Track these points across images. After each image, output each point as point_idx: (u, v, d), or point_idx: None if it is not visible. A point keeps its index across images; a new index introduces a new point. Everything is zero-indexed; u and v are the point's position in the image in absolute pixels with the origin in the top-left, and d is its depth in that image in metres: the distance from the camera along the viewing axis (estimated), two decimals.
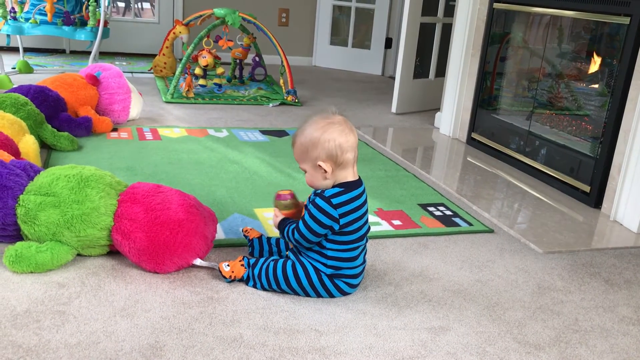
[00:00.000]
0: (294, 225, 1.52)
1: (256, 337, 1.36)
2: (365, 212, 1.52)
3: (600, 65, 2.55)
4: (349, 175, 1.49)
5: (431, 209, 2.24)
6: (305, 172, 1.51)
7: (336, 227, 1.46)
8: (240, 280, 1.58)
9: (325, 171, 1.46)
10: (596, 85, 2.59)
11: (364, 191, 1.52)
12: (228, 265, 1.58)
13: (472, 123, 3.22)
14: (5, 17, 3.83)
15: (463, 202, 2.36)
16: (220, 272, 1.58)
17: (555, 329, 1.51)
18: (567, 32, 2.77)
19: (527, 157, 2.80)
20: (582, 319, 1.57)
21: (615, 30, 2.39)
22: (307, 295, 1.54)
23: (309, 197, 1.52)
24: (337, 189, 1.47)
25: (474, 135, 3.20)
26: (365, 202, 1.52)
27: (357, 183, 1.50)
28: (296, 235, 1.50)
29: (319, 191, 1.49)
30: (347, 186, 1.48)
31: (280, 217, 1.59)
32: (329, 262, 1.51)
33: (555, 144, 2.68)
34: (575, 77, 2.72)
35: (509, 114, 3.08)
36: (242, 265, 1.57)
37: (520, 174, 2.79)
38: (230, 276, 1.57)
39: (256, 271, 1.55)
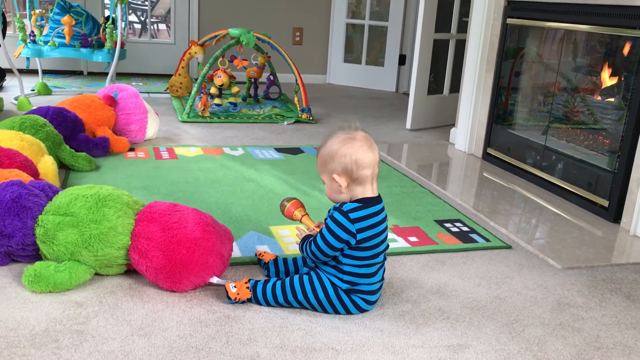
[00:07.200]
0: (312, 238, 1.52)
1: (273, 356, 1.35)
2: (384, 230, 1.52)
3: (617, 78, 2.54)
4: (367, 192, 1.49)
5: (448, 225, 2.22)
6: (325, 183, 1.53)
7: (352, 241, 1.46)
8: (243, 302, 1.56)
9: (340, 185, 1.47)
10: (612, 99, 2.57)
11: (383, 209, 1.52)
12: (235, 287, 1.57)
13: (488, 138, 3.21)
14: (25, 41, 3.91)
15: (480, 217, 2.34)
16: (226, 291, 1.57)
17: (577, 346, 1.49)
18: (582, 46, 2.75)
19: (544, 172, 2.78)
20: (603, 336, 1.55)
21: (631, 44, 2.38)
22: (324, 309, 1.53)
23: (328, 212, 1.52)
24: (355, 204, 1.47)
25: (490, 151, 3.19)
26: (384, 219, 1.52)
27: (376, 200, 1.50)
28: (313, 247, 1.50)
29: (337, 205, 1.50)
30: (366, 202, 1.48)
31: (304, 234, 1.59)
32: (345, 277, 1.51)
33: (572, 158, 2.66)
34: (591, 91, 2.70)
35: (525, 128, 3.07)
36: (247, 287, 1.57)
37: (537, 189, 2.77)
38: (236, 298, 1.56)
39: (259, 290, 1.55)
